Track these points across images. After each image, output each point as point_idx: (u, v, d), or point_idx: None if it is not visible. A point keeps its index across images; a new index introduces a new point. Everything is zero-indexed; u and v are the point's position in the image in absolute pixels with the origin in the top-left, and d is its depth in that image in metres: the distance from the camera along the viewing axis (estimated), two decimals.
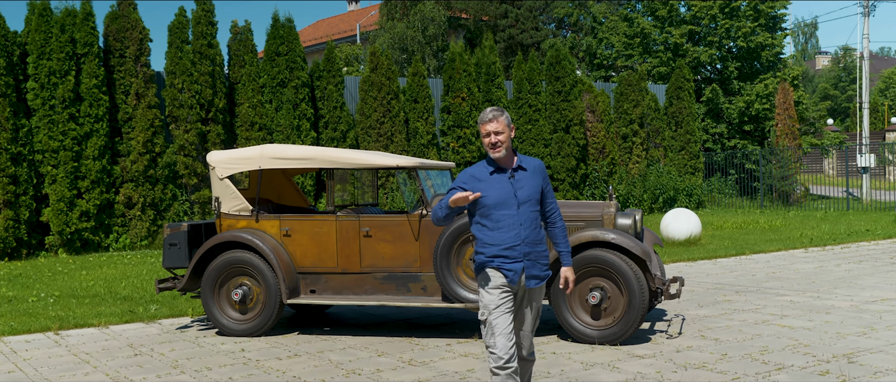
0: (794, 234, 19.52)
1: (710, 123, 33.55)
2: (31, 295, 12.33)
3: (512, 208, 5.37)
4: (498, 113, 5.41)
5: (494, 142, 5.38)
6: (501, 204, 5.36)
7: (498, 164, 5.45)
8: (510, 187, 5.40)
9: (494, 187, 5.39)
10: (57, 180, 18.19)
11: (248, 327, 9.13)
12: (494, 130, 5.38)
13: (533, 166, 5.54)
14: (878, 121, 58.34)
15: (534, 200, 5.44)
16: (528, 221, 5.39)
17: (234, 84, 21.18)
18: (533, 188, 5.45)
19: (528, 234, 5.39)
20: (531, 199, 5.42)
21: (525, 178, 5.46)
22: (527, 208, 5.40)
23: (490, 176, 5.44)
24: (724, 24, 33.61)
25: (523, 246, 5.37)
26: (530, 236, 5.40)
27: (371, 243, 8.95)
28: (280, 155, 9.40)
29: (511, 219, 5.36)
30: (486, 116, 5.41)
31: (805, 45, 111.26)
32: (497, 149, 5.38)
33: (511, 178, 5.42)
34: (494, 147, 5.38)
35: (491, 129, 5.39)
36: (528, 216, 5.40)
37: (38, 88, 18.22)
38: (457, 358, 7.88)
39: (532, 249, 5.40)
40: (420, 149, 22.76)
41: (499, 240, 5.36)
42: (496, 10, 40.82)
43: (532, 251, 5.41)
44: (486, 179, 5.43)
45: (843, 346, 7.95)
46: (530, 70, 24.87)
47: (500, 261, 5.36)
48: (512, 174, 5.44)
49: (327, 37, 33.41)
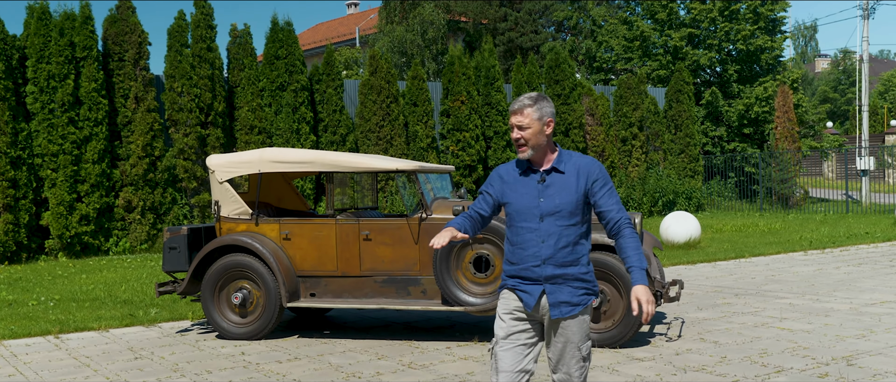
0: (793, 237, 19.53)
1: (709, 126, 33.57)
2: (31, 299, 12.33)
3: (533, 220, 4.36)
4: (527, 103, 4.41)
5: (517, 138, 4.42)
6: (522, 214, 4.40)
7: (534, 164, 4.48)
8: (535, 194, 4.39)
9: (519, 192, 4.44)
10: (56, 184, 18.20)
11: (248, 330, 9.14)
12: (518, 123, 4.40)
13: (575, 167, 4.43)
14: (878, 124, 58.39)
15: (565, 212, 4.34)
16: (553, 237, 4.33)
17: (233, 88, 21.20)
18: (567, 196, 4.35)
19: (553, 253, 4.33)
20: (561, 210, 4.34)
21: (559, 183, 4.39)
22: (553, 222, 4.34)
23: (518, 178, 4.49)
24: (724, 27, 33.64)
25: (545, 268, 4.34)
26: (556, 257, 4.34)
27: (371, 246, 8.95)
28: (279, 159, 9.41)
29: (531, 234, 4.36)
30: (512, 106, 4.45)
31: (805, 48, 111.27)
32: (521, 148, 4.41)
33: (541, 182, 4.41)
34: (518, 145, 4.43)
35: (514, 121, 4.42)
36: (553, 231, 4.33)
37: (38, 92, 18.23)
38: (457, 361, 7.88)
39: (559, 271, 4.35)
40: (419, 152, 22.77)
41: (517, 258, 4.41)
42: (495, 13, 40.87)
43: (559, 275, 4.36)
44: (513, 181, 4.49)
45: (843, 349, 7.95)
46: (530, 73, 24.90)
47: (515, 283, 4.43)
48: (542, 178, 4.41)
49: (326, 40, 33.45)
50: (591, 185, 4.41)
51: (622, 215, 4.40)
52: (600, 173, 4.44)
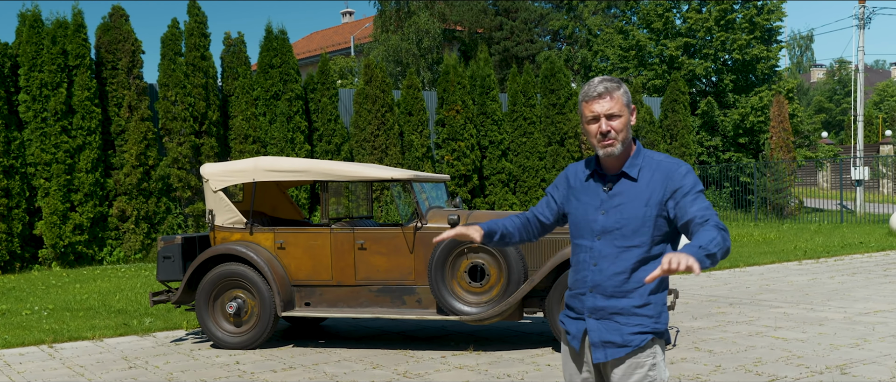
0: (788, 246, 19.55)
1: (705, 135, 33.62)
2: (24, 308, 12.29)
3: (589, 237, 3.53)
4: (612, 85, 3.46)
5: (606, 130, 3.45)
6: (580, 228, 3.59)
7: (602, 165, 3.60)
8: (597, 205, 3.54)
9: (581, 201, 3.61)
10: (50, 193, 18.15)
11: (242, 340, 9.12)
12: (606, 111, 3.45)
13: (653, 172, 3.49)
14: (873, 134, 58.53)
15: (627, 230, 3.44)
16: (606, 260, 3.48)
17: (227, 96, 21.17)
18: (635, 210, 3.44)
19: (603, 280, 3.47)
20: (623, 227, 3.45)
21: (628, 193, 3.49)
22: (609, 242, 3.48)
23: (584, 182, 3.63)
24: (720, 37, 33.71)
25: (591, 297, 3.51)
26: (606, 285, 3.48)
27: (366, 255, 8.94)
28: (274, 168, 9.40)
29: (586, 253, 3.55)
30: (592, 91, 3.47)
31: (800, 58, 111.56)
32: (610, 142, 3.46)
33: (606, 190, 3.54)
34: (606, 139, 3.46)
35: (600, 110, 3.45)
36: (608, 253, 3.48)
37: (30, 101, 18.19)
38: (452, 371, 7.87)
39: (606, 302, 3.48)
40: (415, 162, 22.76)
41: (571, 282, 3.65)
42: (491, 22, 40.95)
43: (606, 307, 3.48)
44: (579, 186, 3.64)
45: (837, 358, 7.95)
46: (525, 83, 24.91)
47: (565, 314, 3.68)
48: (609, 185, 3.53)
49: (321, 49, 33.50)
50: (669, 196, 3.44)
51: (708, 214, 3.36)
52: (684, 180, 3.44)
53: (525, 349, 8.84)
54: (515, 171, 24.44)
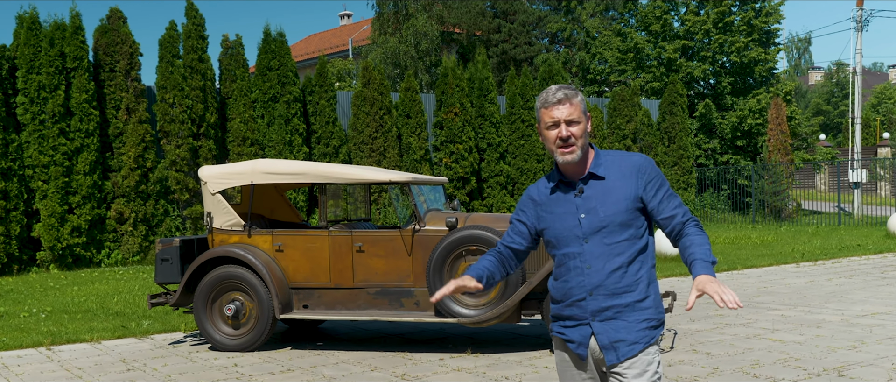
0: (785, 249, 19.56)
1: (702, 138, 33.65)
2: (22, 311, 12.29)
3: (575, 244, 3.52)
4: (570, 92, 3.52)
5: (566, 136, 3.50)
6: (563, 239, 3.56)
7: (564, 174, 3.62)
8: (574, 211, 3.55)
9: (555, 214, 3.61)
10: (48, 196, 18.14)
11: (241, 342, 9.12)
12: (567, 117, 3.51)
13: (620, 168, 3.57)
14: (870, 136, 58.57)
15: (614, 224, 3.48)
16: (600, 260, 3.48)
17: (225, 99, 21.17)
18: (615, 205, 3.50)
19: (602, 280, 3.47)
20: (609, 224, 3.48)
21: (600, 191, 3.53)
22: (599, 241, 3.49)
23: (550, 197, 3.64)
24: (718, 40, 33.75)
25: (593, 300, 3.48)
26: (606, 284, 3.47)
27: (364, 258, 8.95)
28: (272, 170, 9.41)
29: (575, 259, 3.52)
30: (550, 98, 3.52)
31: (798, 61, 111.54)
32: (570, 148, 3.51)
33: (578, 195, 3.56)
34: (566, 145, 3.51)
35: (559, 116, 3.51)
36: (600, 253, 3.48)
37: (28, 103, 18.17)
38: (450, 373, 7.87)
39: (611, 301, 3.48)
40: (413, 164, 22.77)
41: (561, 293, 3.58)
42: (489, 25, 40.94)
43: (610, 306, 3.48)
44: (547, 201, 3.65)
45: (834, 360, 7.96)
46: (523, 85, 24.92)
47: (560, 326, 3.62)
48: (579, 189, 3.56)
49: (319, 51, 33.49)
50: (644, 186, 3.53)
51: (680, 210, 3.55)
52: (653, 171, 3.56)
53: (523, 351, 8.84)
54: (513, 173, 24.44)
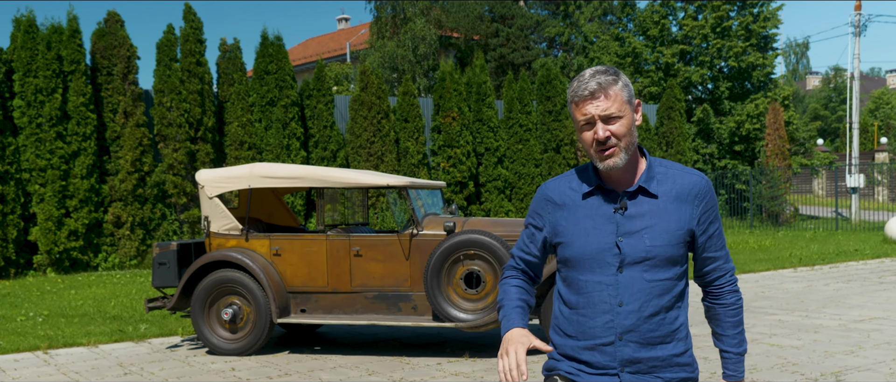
0: (783, 254, 19.57)
1: (700, 143, 33.67)
2: (19, 315, 12.27)
3: (607, 272, 2.75)
4: (605, 80, 2.68)
5: (604, 137, 2.69)
6: (589, 261, 2.77)
7: (603, 179, 2.82)
8: (612, 230, 2.75)
9: (583, 227, 2.80)
10: (45, 199, 18.11)
11: (238, 346, 9.11)
12: (603, 111, 2.68)
13: (677, 187, 2.79)
14: (868, 141, 58.55)
15: (661, 258, 2.75)
16: (638, 298, 2.75)
17: (223, 103, 21.15)
18: (667, 235, 2.75)
19: (637, 323, 2.75)
20: (655, 257, 2.75)
21: (653, 212, 2.76)
22: (639, 274, 2.75)
23: (580, 202, 2.82)
24: (716, 44, 33.78)
25: (624, 346, 2.75)
26: (642, 330, 2.76)
27: (361, 262, 8.94)
28: (270, 174, 9.40)
29: (603, 291, 2.76)
30: (581, 90, 2.69)
31: (796, 66, 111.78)
32: (611, 150, 2.70)
33: (620, 210, 2.76)
34: (605, 149, 2.71)
35: (593, 111, 2.69)
36: (639, 289, 2.75)
37: (25, 106, 18.14)
38: (447, 378, 7.86)
39: (646, 352, 2.76)
40: (411, 168, 22.76)
41: (577, 330, 2.83)
42: (487, 29, 40.98)
43: (645, 358, 2.76)
44: (573, 205, 2.83)
45: (832, 365, 7.95)
46: (521, 90, 24.91)
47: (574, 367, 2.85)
48: (622, 204, 2.76)
49: (317, 55, 33.51)
50: (699, 217, 2.81)
51: (730, 268, 2.95)
52: (712, 199, 2.84)
53: None
54: (511, 178, 24.43)
